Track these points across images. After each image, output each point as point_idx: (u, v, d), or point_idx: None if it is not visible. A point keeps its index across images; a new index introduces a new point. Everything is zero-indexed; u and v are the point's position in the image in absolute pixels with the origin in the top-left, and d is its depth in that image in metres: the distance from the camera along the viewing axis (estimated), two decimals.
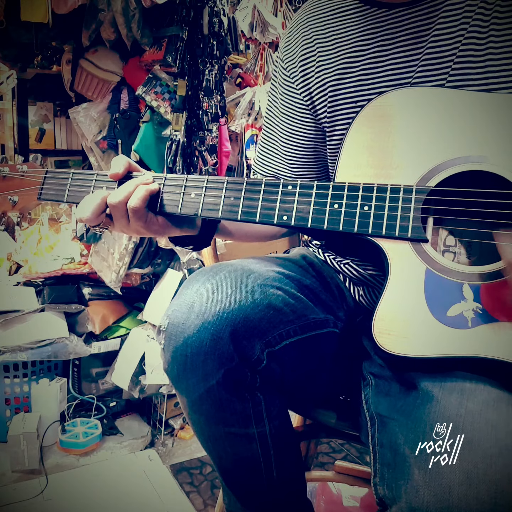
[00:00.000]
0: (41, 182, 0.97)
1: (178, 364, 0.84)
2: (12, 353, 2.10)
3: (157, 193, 0.90)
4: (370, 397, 0.89)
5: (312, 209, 0.83)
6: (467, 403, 0.71)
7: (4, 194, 0.93)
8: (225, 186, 0.88)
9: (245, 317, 0.81)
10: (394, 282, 0.79)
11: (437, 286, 0.77)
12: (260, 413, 0.88)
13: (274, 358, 0.86)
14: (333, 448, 2.28)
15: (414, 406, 0.76)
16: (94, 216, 0.89)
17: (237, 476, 0.97)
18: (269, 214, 0.85)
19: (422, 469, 0.68)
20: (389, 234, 0.79)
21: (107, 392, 2.45)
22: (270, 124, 1.15)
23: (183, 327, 0.82)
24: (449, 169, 0.79)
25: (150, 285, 2.48)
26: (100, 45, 2.18)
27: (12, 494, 1.92)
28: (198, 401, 0.86)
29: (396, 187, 0.80)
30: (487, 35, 0.85)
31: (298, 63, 1.05)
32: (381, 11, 0.95)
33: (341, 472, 1.45)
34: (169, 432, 2.38)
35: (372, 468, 0.79)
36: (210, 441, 0.93)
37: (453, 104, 0.81)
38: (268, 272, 0.89)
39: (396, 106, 0.84)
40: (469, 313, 0.75)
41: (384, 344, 0.77)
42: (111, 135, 2.26)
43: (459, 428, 0.68)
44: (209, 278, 0.85)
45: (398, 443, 0.75)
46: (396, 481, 0.72)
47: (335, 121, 1.01)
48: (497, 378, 0.74)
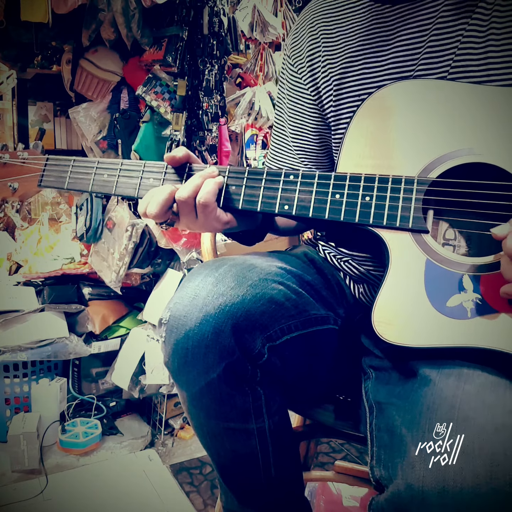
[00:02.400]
0: (42, 169, 0.96)
1: (179, 357, 0.83)
2: (12, 353, 2.10)
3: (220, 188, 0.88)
4: (370, 387, 0.90)
5: (314, 199, 0.83)
6: (464, 386, 0.71)
7: (4, 180, 0.93)
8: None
9: (247, 310, 0.81)
10: (394, 272, 0.79)
11: (437, 276, 0.77)
12: (260, 408, 0.88)
13: (275, 353, 0.86)
14: (333, 448, 2.28)
15: (412, 390, 0.77)
16: (163, 212, 0.86)
17: (235, 473, 0.96)
18: (271, 203, 0.85)
19: (418, 446, 0.68)
20: (390, 224, 0.79)
21: (107, 392, 2.45)
22: (280, 120, 1.16)
23: (184, 320, 0.81)
24: (451, 161, 0.80)
25: (150, 285, 2.47)
26: (100, 45, 2.18)
27: (12, 494, 1.92)
28: (198, 395, 0.86)
29: (398, 178, 0.80)
30: (488, 27, 0.86)
31: (305, 59, 1.07)
32: (384, 7, 0.97)
33: (341, 472, 1.44)
34: (169, 432, 2.38)
35: (369, 453, 0.79)
36: (209, 436, 0.93)
37: (455, 96, 0.82)
38: (270, 267, 0.89)
39: (397, 98, 0.85)
40: (468, 304, 0.75)
41: (384, 334, 0.78)
42: (111, 135, 2.27)
43: (455, 408, 0.68)
44: (211, 272, 0.85)
45: (395, 425, 0.75)
46: (392, 459, 0.72)
47: (339, 115, 1.02)
48: (495, 367, 0.74)
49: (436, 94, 0.83)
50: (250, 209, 0.86)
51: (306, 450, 1.47)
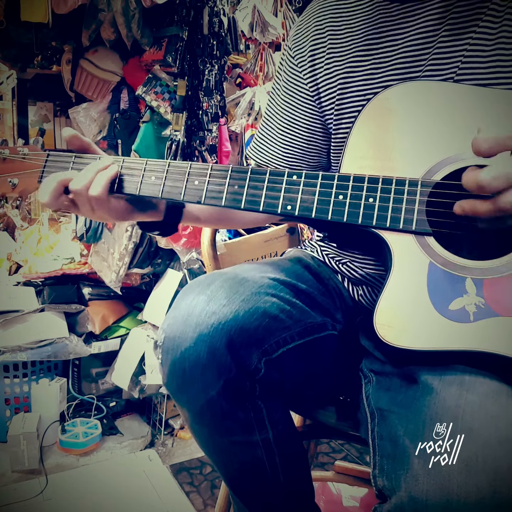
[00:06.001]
0: (43, 165, 0.95)
1: (177, 378, 0.83)
2: (12, 353, 2.10)
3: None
4: (371, 393, 0.89)
5: (317, 200, 0.83)
6: (467, 395, 0.71)
7: (4, 176, 0.92)
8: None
9: (241, 326, 0.80)
10: (397, 274, 0.79)
11: (440, 279, 0.77)
12: (262, 420, 0.87)
13: (272, 366, 0.85)
14: (333, 448, 2.28)
15: (414, 398, 0.76)
16: (53, 200, 0.89)
17: (244, 484, 0.96)
18: (273, 204, 0.85)
19: (422, 458, 0.68)
20: (394, 226, 0.79)
21: (107, 392, 2.45)
22: (270, 112, 1.14)
23: (179, 340, 0.81)
24: (454, 164, 0.79)
25: (150, 285, 2.48)
26: (100, 45, 2.19)
27: (12, 494, 1.92)
28: (200, 413, 0.86)
29: (402, 179, 0.80)
30: (498, 30, 0.85)
31: (307, 52, 1.05)
32: (394, 5, 0.95)
33: (341, 472, 1.45)
34: (169, 432, 2.38)
35: (372, 461, 0.79)
36: (215, 452, 0.93)
37: (460, 98, 0.81)
38: (263, 279, 0.88)
39: (401, 100, 0.84)
40: (471, 307, 0.75)
41: (385, 336, 0.77)
42: (111, 135, 2.27)
43: (458, 419, 0.68)
44: (203, 289, 0.84)
45: (398, 434, 0.75)
46: (395, 471, 0.72)
47: (342, 113, 1.01)
48: (497, 372, 0.74)
49: (440, 96, 0.82)
50: (253, 209, 0.85)
51: (306, 450, 1.47)
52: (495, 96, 0.80)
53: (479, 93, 0.81)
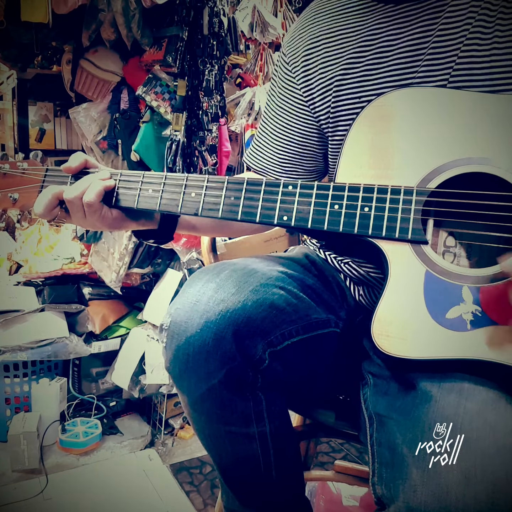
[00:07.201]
0: (42, 180, 0.97)
1: (180, 363, 0.84)
2: (12, 353, 2.10)
3: (113, 188, 0.92)
4: (369, 396, 0.89)
5: (313, 210, 0.83)
6: (466, 403, 0.71)
7: (4, 191, 0.94)
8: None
9: (248, 316, 0.81)
10: (394, 283, 0.79)
11: (436, 288, 0.77)
12: (261, 412, 0.88)
13: (276, 358, 0.86)
14: (332, 448, 2.29)
15: (413, 405, 0.76)
16: (47, 212, 0.92)
17: (236, 475, 0.97)
18: (269, 215, 0.85)
19: (420, 468, 0.68)
20: (389, 235, 0.79)
21: (107, 391, 2.46)
22: (266, 118, 1.14)
23: (185, 326, 0.82)
24: (450, 171, 0.79)
25: (150, 285, 2.48)
26: (100, 45, 2.18)
27: (12, 493, 1.93)
28: (200, 400, 0.86)
29: (397, 188, 0.80)
30: (492, 29, 0.84)
31: (300, 57, 1.05)
32: (388, 7, 0.95)
33: (340, 472, 1.44)
34: (169, 431, 2.39)
35: (371, 468, 0.79)
36: (210, 439, 0.94)
37: (454, 105, 0.81)
38: (271, 272, 0.89)
39: (397, 107, 0.84)
40: (468, 316, 0.75)
41: (383, 346, 0.77)
42: (111, 135, 2.27)
43: (457, 428, 0.68)
44: (212, 277, 0.85)
45: (396, 442, 0.75)
46: (394, 480, 0.72)
47: (338, 117, 1.01)
48: (495, 380, 0.74)
49: (436, 103, 0.82)
50: (249, 220, 0.86)
51: (306, 450, 1.48)
52: (490, 102, 0.79)
53: (474, 98, 0.81)
